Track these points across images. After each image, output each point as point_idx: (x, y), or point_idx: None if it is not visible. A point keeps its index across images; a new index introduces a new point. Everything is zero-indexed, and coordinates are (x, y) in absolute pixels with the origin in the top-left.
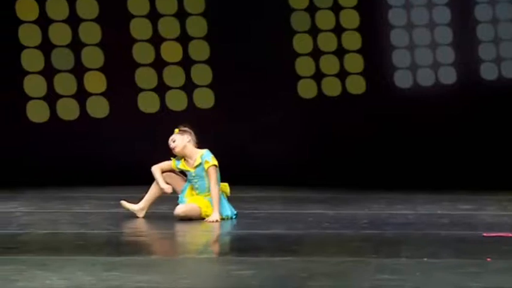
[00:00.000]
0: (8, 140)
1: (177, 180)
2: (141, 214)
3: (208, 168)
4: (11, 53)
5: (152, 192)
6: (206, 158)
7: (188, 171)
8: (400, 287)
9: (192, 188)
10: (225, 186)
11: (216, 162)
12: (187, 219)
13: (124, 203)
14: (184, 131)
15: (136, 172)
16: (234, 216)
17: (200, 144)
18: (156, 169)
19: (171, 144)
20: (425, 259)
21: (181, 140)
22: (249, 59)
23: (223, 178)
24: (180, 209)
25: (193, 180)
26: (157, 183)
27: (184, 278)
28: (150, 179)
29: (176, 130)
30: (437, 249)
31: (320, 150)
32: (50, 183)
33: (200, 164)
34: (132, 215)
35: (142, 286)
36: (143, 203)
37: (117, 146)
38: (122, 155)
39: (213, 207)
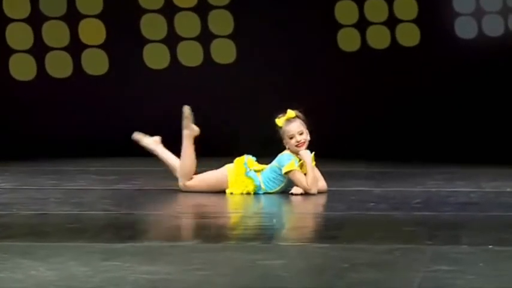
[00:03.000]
0: None
1: None
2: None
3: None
4: None
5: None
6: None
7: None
8: (459, 279)
9: None
10: (250, 160)
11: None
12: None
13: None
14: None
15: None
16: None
17: (223, 103)
18: None
19: (303, 138)
20: (490, 246)
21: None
22: (277, 4)
23: (245, 148)
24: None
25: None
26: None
27: (199, 268)
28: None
29: (293, 114)
30: (504, 235)
31: (363, 116)
32: (38, 155)
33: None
34: (133, 193)
35: (148, 278)
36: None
37: (117, 108)
38: (123, 120)
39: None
